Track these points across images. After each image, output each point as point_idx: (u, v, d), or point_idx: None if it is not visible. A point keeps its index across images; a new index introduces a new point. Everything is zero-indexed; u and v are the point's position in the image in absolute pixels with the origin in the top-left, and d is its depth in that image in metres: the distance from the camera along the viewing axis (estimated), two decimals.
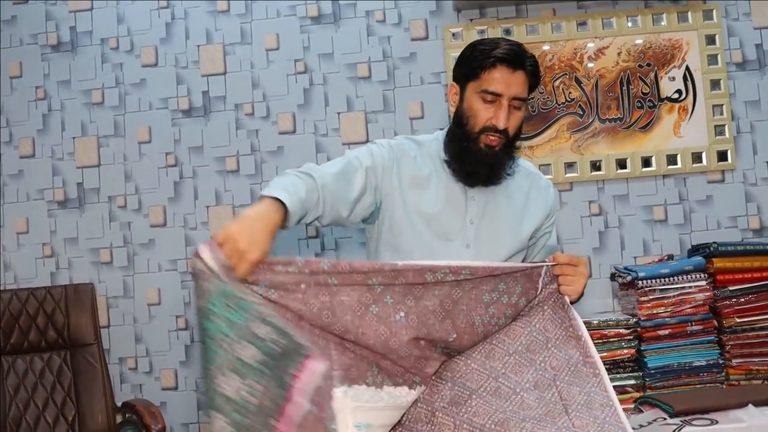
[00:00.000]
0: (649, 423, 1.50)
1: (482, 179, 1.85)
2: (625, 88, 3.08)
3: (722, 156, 3.05)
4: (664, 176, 3.07)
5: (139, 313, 3.16)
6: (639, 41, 3.09)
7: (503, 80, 1.75)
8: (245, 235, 1.39)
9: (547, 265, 1.71)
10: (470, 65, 1.80)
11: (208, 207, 3.18)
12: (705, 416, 1.45)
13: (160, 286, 3.17)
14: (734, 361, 2.71)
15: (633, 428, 1.50)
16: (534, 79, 1.83)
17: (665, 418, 1.50)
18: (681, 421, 1.44)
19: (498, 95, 1.76)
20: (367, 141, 3.06)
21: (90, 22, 3.23)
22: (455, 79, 1.89)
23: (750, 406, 1.46)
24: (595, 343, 2.67)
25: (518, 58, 1.76)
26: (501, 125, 1.75)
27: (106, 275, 3.17)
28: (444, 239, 1.86)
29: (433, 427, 1.56)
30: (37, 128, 3.23)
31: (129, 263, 3.18)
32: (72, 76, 3.23)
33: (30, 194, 3.21)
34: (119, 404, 2.81)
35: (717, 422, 1.41)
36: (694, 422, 1.43)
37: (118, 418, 2.83)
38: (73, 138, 3.22)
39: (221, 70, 3.20)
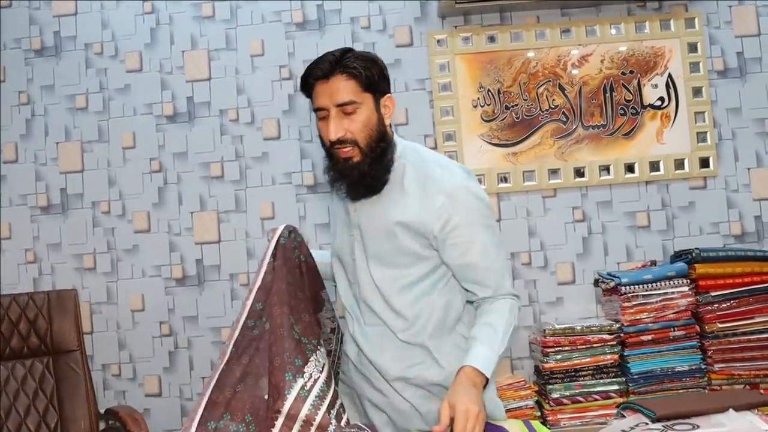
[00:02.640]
0: (632, 428, 1.50)
1: (360, 192, 1.82)
2: (608, 95, 3.10)
3: (704, 163, 3.08)
4: (647, 183, 3.09)
5: (123, 319, 3.15)
6: (622, 48, 3.11)
7: (321, 94, 1.74)
8: None
9: None
10: (303, 92, 1.83)
11: (192, 213, 3.17)
12: (687, 421, 1.46)
13: (144, 293, 3.15)
14: (716, 366, 2.73)
15: None
16: (363, 75, 1.76)
17: (647, 423, 1.50)
18: (663, 426, 1.45)
19: (324, 109, 1.75)
20: None
21: (74, 26, 3.22)
22: None
23: (731, 410, 1.47)
24: (578, 349, 2.71)
25: (329, 66, 1.74)
26: (331, 137, 1.73)
27: (89, 281, 3.16)
28: (340, 257, 1.97)
29: None
30: (20, 133, 3.21)
31: (112, 269, 3.16)
32: (56, 81, 3.21)
33: (13, 199, 3.19)
34: (102, 411, 2.78)
35: (698, 427, 1.42)
36: (675, 427, 1.43)
37: (101, 425, 2.81)
38: (57, 143, 3.20)
39: (206, 75, 3.20)
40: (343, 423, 1.63)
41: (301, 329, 1.70)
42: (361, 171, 1.76)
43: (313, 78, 1.75)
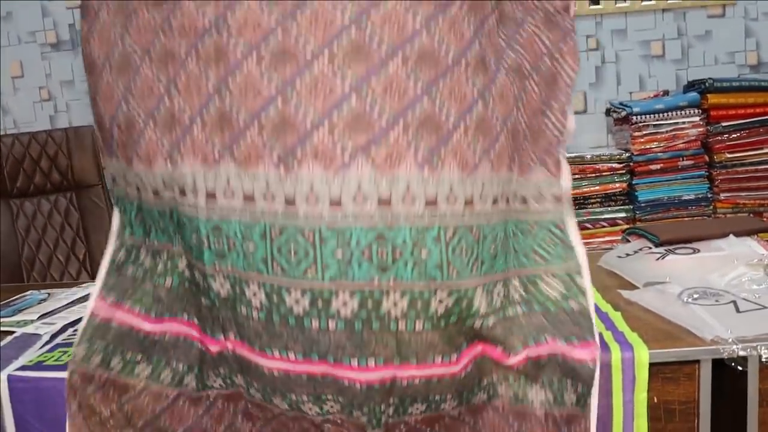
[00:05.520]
0: (636, 252, 1.57)
1: None
2: None
3: None
4: (664, 10, 3.02)
5: None
6: None
7: None
8: None
9: None
10: None
11: None
12: (688, 245, 1.52)
13: None
14: (722, 195, 2.79)
15: (620, 257, 1.57)
16: None
17: (650, 248, 1.57)
18: (665, 249, 1.51)
19: None
20: None
21: None
22: None
23: (731, 236, 1.53)
24: (587, 177, 2.76)
25: None
26: None
27: None
28: None
29: None
30: None
31: None
32: None
33: (21, 37, 3.17)
34: None
35: (698, 251, 1.48)
36: (677, 251, 1.49)
37: None
38: None
39: None
40: None
41: None
42: None
43: None
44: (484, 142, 1.03)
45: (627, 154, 2.79)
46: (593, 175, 2.79)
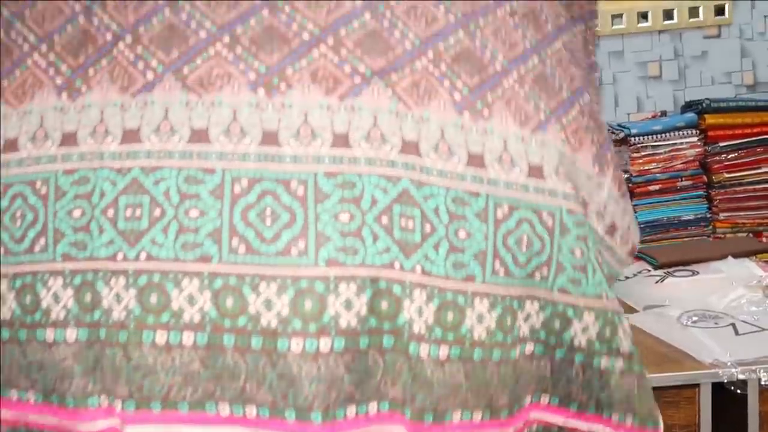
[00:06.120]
0: (634, 275, 1.58)
1: None
2: None
3: (719, 10, 3.01)
4: (660, 32, 3.04)
5: None
6: None
7: None
8: None
9: None
10: None
11: None
12: (687, 268, 1.53)
13: None
14: (721, 215, 2.79)
15: (619, 280, 1.58)
16: None
17: (649, 270, 1.58)
18: (664, 272, 1.52)
19: None
20: None
21: None
22: None
23: (730, 257, 1.54)
24: None
25: None
26: None
27: None
28: None
29: None
30: None
31: None
32: None
33: None
34: None
35: (698, 273, 1.49)
36: (676, 273, 1.50)
37: None
38: None
39: None
40: None
41: None
42: None
43: None
44: (549, 102, 0.77)
45: (626, 176, 2.79)
46: None
